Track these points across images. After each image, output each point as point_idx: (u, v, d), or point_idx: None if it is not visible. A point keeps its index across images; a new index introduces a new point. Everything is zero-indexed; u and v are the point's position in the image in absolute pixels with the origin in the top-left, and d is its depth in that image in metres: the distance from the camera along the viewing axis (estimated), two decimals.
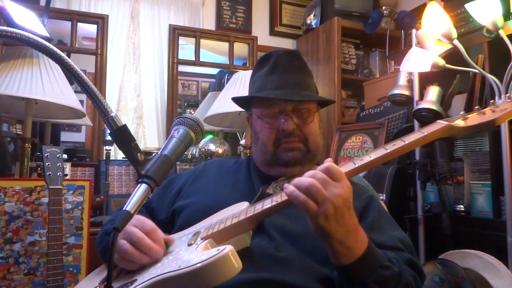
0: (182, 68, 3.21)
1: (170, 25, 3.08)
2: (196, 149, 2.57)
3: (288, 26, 3.47)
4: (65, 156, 1.64)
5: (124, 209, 0.65)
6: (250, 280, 0.81)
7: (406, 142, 0.80)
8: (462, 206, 2.02)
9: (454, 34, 1.77)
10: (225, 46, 3.27)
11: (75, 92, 1.96)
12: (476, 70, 1.80)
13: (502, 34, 1.69)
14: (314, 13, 3.22)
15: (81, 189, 1.74)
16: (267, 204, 0.81)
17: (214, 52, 3.39)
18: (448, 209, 1.96)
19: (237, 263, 0.68)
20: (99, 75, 2.81)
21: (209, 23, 3.26)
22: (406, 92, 2.18)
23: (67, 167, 2.22)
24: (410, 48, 2.00)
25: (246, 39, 3.28)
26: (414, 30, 2.19)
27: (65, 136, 3.49)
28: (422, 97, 2.06)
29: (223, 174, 1.13)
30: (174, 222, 1.05)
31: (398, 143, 0.80)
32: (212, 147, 2.53)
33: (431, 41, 1.95)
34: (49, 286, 1.42)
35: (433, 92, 2.00)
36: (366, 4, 3.16)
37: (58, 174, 1.51)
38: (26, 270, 1.60)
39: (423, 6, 2.03)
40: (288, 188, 0.75)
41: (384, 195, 2.02)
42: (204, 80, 4.01)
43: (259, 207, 0.81)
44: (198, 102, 3.65)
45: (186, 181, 1.13)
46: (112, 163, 2.53)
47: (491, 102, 0.83)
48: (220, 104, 2.26)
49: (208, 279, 0.67)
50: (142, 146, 2.94)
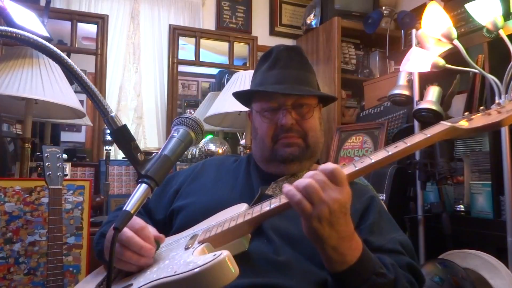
0: (182, 68, 3.21)
1: (170, 25, 3.08)
2: (196, 149, 2.57)
3: (288, 26, 3.47)
4: (65, 156, 1.64)
5: (124, 209, 0.65)
6: (247, 285, 0.80)
7: (409, 144, 0.76)
8: (462, 206, 2.02)
9: (454, 34, 1.77)
10: (225, 46, 3.27)
11: (75, 92, 1.96)
12: (476, 70, 1.80)
13: (502, 34, 1.69)
14: (314, 13, 3.22)
15: (81, 189, 1.74)
16: (265, 207, 0.79)
17: (214, 52, 3.40)
18: (448, 209, 1.96)
19: (234, 268, 0.67)
20: (99, 75, 2.80)
21: (209, 23, 3.26)
22: (406, 92, 2.18)
23: (67, 167, 2.22)
24: (410, 48, 2.00)
25: (246, 39, 3.28)
26: (414, 30, 2.19)
27: (65, 136, 3.49)
28: (422, 97, 2.06)
29: (222, 174, 1.11)
30: (172, 222, 1.04)
31: (400, 145, 0.77)
32: (212, 147, 2.53)
33: (431, 41, 1.95)
34: (49, 286, 1.42)
35: (433, 92, 2.00)
36: (366, 4, 3.16)
37: (58, 174, 1.51)
38: (26, 270, 1.60)
39: (423, 6, 2.02)
40: (285, 187, 0.74)
41: (384, 195, 2.02)
42: (204, 80, 4.01)
43: (257, 211, 0.80)
44: (198, 102, 3.65)
45: (184, 180, 1.11)
46: (112, 163, 2.53)
47: (497, 102, 0.80)
48: (220, 104, 2.26)
49: (204, 285, 0.66)
50: (142, 146, 2.93)
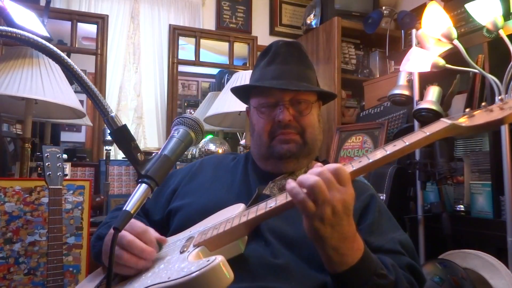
0: (182, 68, 3.22)
1: (170, 25, 3.08)
2: (196, 149, 2.57)
3: (288, 26, 3.48)
4: (65, 156, 1.64)
5: (124, 209, 0.65)
6: None
7: (407, 143, 0.74)
8: (462, 206, 2.01)
9: (454, 34, 1.77)
10: (225, 46, 3.27)
11: (75, 92, 1.96)
12: (476, 70, 1.80)
13: (502, 34, 1.68)
14: (314, 13, 3.22)
15: (81, 189, 1.74)
16: (261, 209, 0.78)
17: (214, 52, 3.40)
18: (448, 209, 1.95)
19: (228, 274, 0.66)
20: (99, 75, 2.81)
21: (209, 23, 3.26)
22: (406, 92, 2.18)
23: (67, 167, 2.22)
24: (410, 48, 1.99)
25: (246, 39, 3.28)
26: (414, 30, 2.19)
27: (65, 136, 3.50)
28: (422, 97, 2.06)
29: (220, 173, 1.10)
30: (169, 223, 1.03)
31: (399, 144, 0.74)
32: (212, 147, 2.53)
33: (431, 41, 1.95)
34: (49, 286, 1.42)
35: (433, 92, 2.00)
36: (366, 4, 3.16)
37: (58, 174, 1.51)
38: (26, 270, 1.60)
39: (423, 6, 2.02)
40: (289, 184, 0.71)
41: (384, 195, 2.02)
42: (204, 80, 4.01)
43: (253, 213, 0.78)
44: (198, 102, 3.66)
45: (181, 180, 1.10)
46: (112, 163, 2.53)
47: (500, 98, 0.75)
48: (220, 104, 2.26)
49: None
50: (142, 146, 2.94)
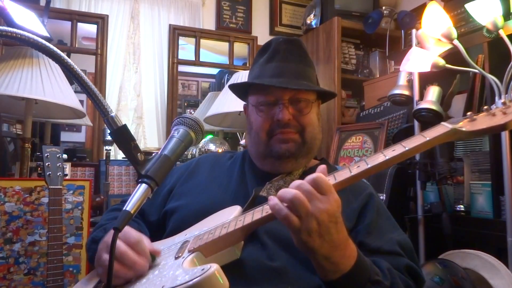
0: (182, 68, 3.22)
1: (170, 25, 3.09)
2: (196, 149, 2.57)
3: (288, 26, 3.48)
4: (65, 156, 1.64)
5: (124, 209, 0.64)
6: None
7: (407, 148, 0.72)
8: (462, 206, 2.01)
9: (454, 34, 1.77)
10: (225, 46, 3.27)
11: (75, 92, 1.96)
12: (476, 70, 1.79)
13: (502, 34, 1.68)
14: (314, 13, 3.22)
15: (81, 189, 1.74)
16: (257, 215, 0.76)
17: (214, 52, 3.40)
18: (448, 209, 1.95)
19: (223, 282, 0.65)
20: (99, 75, 2.81)
21: (209, 23, 3.26)
22: (406, 92, 2.18)
23: (67, 167, 2.22)
24: (410, 48, 1.99)
25: (246, 39, 3.28)
26: (414, 30, 2.19)
27: (65, 136, 3.50)
28: (422, 97, 2.06)
29: (216, 172, 1.08)
30: (165, 224, 1.01)
31: (398, 149, 0.73)
32: (212, 147, 2.53)
33: (431, 41, 1.95)
34: (49, 286, 1.42)
35: (433, 92, 2.00)
36: (366, 4, 3.16)
37: (58, 174, 1.51)
38: (26, 270, 1.60)
39: (423, 6, 2.02)
40: (271, 200, 0.71)
41: (384, 195, 2.02)
42: (204, 80, 4.02)
43: (249, 218, 0.77)
44: (198, 102, 3.66)
45: (178, 179, 1.08)
46: (112, 163, 2.53)
47: (502, 102, 0.73)
48: (220, 104, 2.26)
49: None
50: (142, 146, 2.94)
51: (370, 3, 3.17)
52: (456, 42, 1.77)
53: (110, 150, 2.50)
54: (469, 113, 0.74)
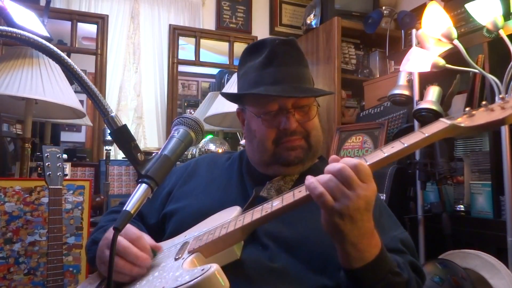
0: (182, 68, 3.22)
1: (170, 25, 3.09)
2: (196, 149, 2.57)
3: (288, 26, 3.48)
4: (65, 156, 1.64)
5: (124, 209, 0.64)
6: None
7: (406, 145, 0.72)
8: (462, 206, 2.01)
9: (454, 34, 1.77)
10: (225, 46, 3.27)
11: (75, 92, 1.96)
12: (476, 70, 1.79)
13: (502, 34, 1.68)
14: (314, 13, 3.22)
15: (81, 189, 1.74)
16: (257, 214, 0.76)
17: (214, 52, 3.40)
18: (448, 209, 1.95)
19: (224, 282, 0.64)
20: (99, 75, 2.81)
21: (209, 23, 3.26)
22: (406, 92, 2.18)
23: (67, 167, 2.22)
24: (410, 48, 1.99)
25: (246, 39, 3.28)
26: (414, 30, 2.19)
27: (65, 136, 3.50)
28: (422, 97, 2.06)
29: (215, 174, 1.07)
30: (165, 227, 1.01)
31: (397, 146, 0.72)
32: (212, 147, 2.53)
33: (431, 41, 1.95)
34: (49, 286, 1.42)
35: (433, 92, 2.00)
36: (366, 4, 3.16)
37: (58, 174, 1.51)
38: (26, 270, 1.60)
39: (423, 6, 2.02)
40: (308, 180, 0.72)
41: (384, 195, 2.02)
42: (204, 80, 4.02)
43: (249, 217, 0.76)
44: (198, 102, 3.66)
45: (176, 181, 1.07)
46: (112, 163, 2.53)
47: (501, 97, 0.73)
48: (220, 104, 2.26)
49: None
50: (142, 146, 2.94)
51: (370, 3, 3.17)
52: (456, 42, 1.77)
53: (110, 150, 2.50)
54: (467, 108, 0.73)
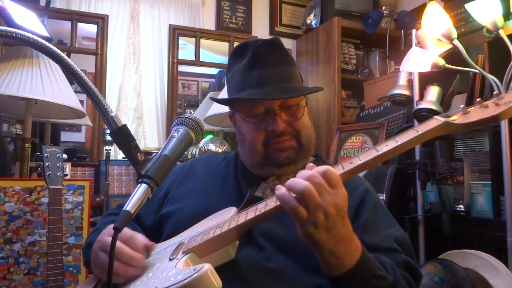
0: (182, 68, 3.22)
1: (170, 25, 3.08)
2: (196, 149, 2.57)
3: (288, 26, 3.47)
4: (65, 156, 1.65)
5: (124, 209, 0.65)
6: None
7: (400, 143, 0.71)
8: (462, 206, 2.02)
9: (454, 34, 1.77)
10: (225, 46, 3.27)
11: (75, 92, 1.96)
12: (476, 70, 1.80)
13: (502, 34, 1.68)
14: (314, 13, 3.22)
15: (81, 189, 1.74)
16: (251, 214, 0.75)
17: (214, 52, 3.40)
18: (448, 209, 1.96)
19: (216, 282, 0.64)
20: (99, 75, 2.81)
21: (209, 23, 3.26)
22: (406, 92, 2.18)
23: (67, 167, 2.22)
24: (410, 48, 1.99)
25: (246, 39, 3.26)
26: (414, 30, 2.19)
27: (65, 136, 3.50)
28: (422, 97, 2.06)
29: (211, 174, 1.06)
30: (162, 228, 1.00)
31: (391, 144, 0.72)
32: (212, 147, 2.53)
33: (431, 41, 1.95)
34: (49, 286, 1.42)
35: (433, 92, 2.00)
36: (366, 4, 3.16)
37: (58, 174, 1.51)
38: (26, 270, 1.60)
39: (423, 6, 2.02)
40: (279, 190, 0.70)
41: (384, 195, 2.02)
42: (204, 80, 4.02)
43: (243, 217, 0.76)
44: (198, 102, 3.66)
45: (172, 182, 1.07)
46: (112, 163, 2.53)
47: (494, 93, 0.72)
48: (220, 104, 2.25)
49: None
50: (142, 146, 2.94)
51: (370, 3, 3.17)
52: (456, 42, 1.77)
53: (110, 150, 2.50)
54: (462, 106, 0.73)
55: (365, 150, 2.49)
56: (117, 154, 2.86)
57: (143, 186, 0.67)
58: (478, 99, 0.73)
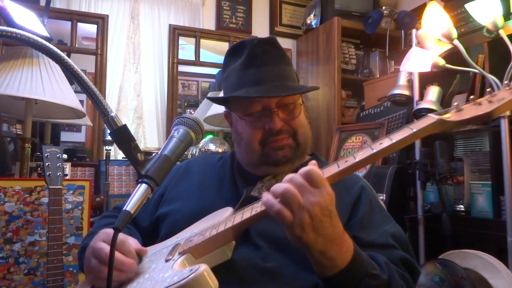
0: (182, 68, 3.22)
1: (170, 25, 3.08)
2: (196, 149, 2.57)
3: (288, 26, 3.47)
4: (65, 156, 1.64)
5: (124, 209, 0.64)
6: None
7: (394, 141, 0.71)
8: (462, 206, 2.02)
9: (454, 34, 1.77)
10: (225, 46, 3.27)
11: (75, 92, 1.96)
12: (476, 70, 1.80)
13: (502, 34, 1.68)
14: (314, 13, 3.22)
15: (81, 189, 1.74)
16: (247, 214, 0.75)
17: (214, 52, 3.40)
18: (448, 209, 1.95)
19: (212, 282, 0.64)
20: (99, 75, 2.81)
21: (209, 23, 3.26)
22: (406, 92, 2.18)
23: (67, 167, 2.22)
24: (410, 48, 2.00)
25: None
26: (414, 30, 2.19)
27: (65, 136, 3.50)
28: (422, 97, 2.06)
29: (207, 175, 1.06)
30: (158, 229, 1.00)
31: (385, 142, 0.72)
32: (212, 147, 2.53)
33: (431, 41, 1.95)
34: (49, 286, 1.42)
35: (433, 92, 2.00)
36: (366, 4, 3.16)
37: (58, 174, 1.51)
38: (26, 270, 1.60)
39: (423, 6, 2.03)
40: (264, 196, 0.70)
41: (384, 195, 2.02)
42: (204, 80, 4.02)
43: (239, 218, 0.76)
44: (198, 102, 3.66)
45: (168, 183, 1.06)
46: (112, 163, 2.53)
47: (488, 90, 0.72)
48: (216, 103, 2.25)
49: None
50: (142, 146, 2.94)
51: (370, 3, 3.17)
52: (456, 42, 1.77)
53: (110, 150, 2.50)
54: (455, 103, 0.73)
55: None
56: (117, 154, 2.86)
57: (143, 186, 0.67)
58: (471, 97, 0.72)
